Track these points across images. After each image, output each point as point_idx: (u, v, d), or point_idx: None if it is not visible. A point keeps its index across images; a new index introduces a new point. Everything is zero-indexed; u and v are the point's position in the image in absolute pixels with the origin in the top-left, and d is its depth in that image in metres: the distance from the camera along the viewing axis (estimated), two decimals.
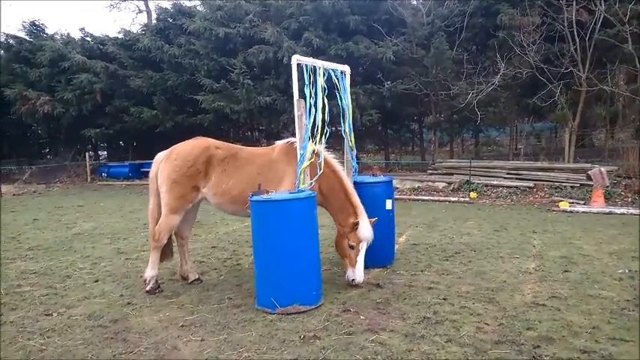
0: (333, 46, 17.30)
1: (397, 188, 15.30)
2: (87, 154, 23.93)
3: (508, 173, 14.85)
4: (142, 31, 23.36)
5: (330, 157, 5.90)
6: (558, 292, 5.42)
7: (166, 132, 20.22)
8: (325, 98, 5.74)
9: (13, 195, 18.19)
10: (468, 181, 14.80)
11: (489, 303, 5.10)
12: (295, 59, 5.45)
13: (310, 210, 5.11)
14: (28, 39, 23.76)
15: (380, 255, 6.52)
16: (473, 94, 15.98)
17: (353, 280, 5.58)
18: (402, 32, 18.12)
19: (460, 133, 24.14)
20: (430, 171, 16.71)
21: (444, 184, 15.22)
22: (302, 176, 5.36)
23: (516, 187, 14.08)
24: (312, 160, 5.45)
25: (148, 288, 5.71)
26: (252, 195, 5.07)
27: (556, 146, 21.46)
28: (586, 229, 9.03)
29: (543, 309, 4.90)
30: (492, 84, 15.76)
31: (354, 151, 6.84)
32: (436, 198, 13.98)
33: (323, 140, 5.69)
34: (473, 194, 13.82)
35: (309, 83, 5.55)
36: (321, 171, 5.48)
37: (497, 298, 5.23)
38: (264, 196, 5.00)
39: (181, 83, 20.25)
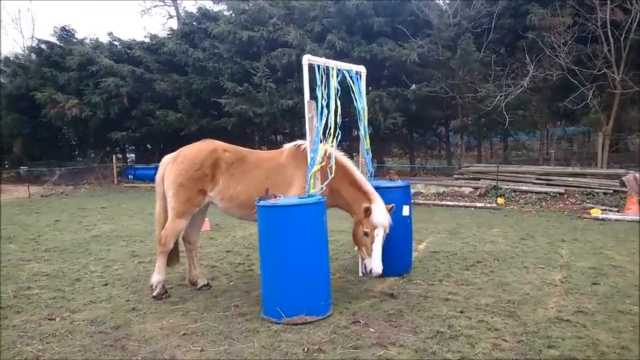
0: (357, 48, 17.05)
1: (421, 193, 14.94)
2: (114, 156, 24.31)
3: (538, 178, 14.31)
4: (168, 35, 23.59)
5: (339, 153, 5.66)
6: (585, 306, 5.04)
7: (191, 135, 20.21)
8: (339, 100, 5.51)
9: (42, 196, 18.54)
10: (495, 186, 14.32)
11: (509, 317, 4.78)
12: (306, 59, 5.22)
13: (319, 216, 4.89)
14: (58, 44, 24.34)
15: (396, 263, 6.25)
16: (501, 96, 15.49)
17: (370, 270, 5.26)
18: (428, 34, 17.76)
19: (488, 137, 23.49)
20: (456, 175, 16.28)
21: (470, 189, 14.76)
22: (312, 180, 5.14)
23: (546, 193, 13.53)
24: (323, 163, 5.22)
25: (154, 294, 5.60)
26: (259, 200, 4.88)
27: (589, 151, 20.65)
28: (618, 239, 8.52)
29: (567, 325, 4.55)
30: (521, 86, 15.24)
31: (370, 154, 6.60)
32: (461, 203, 13.56)
33: (335, 143, 5.45)
34: (500, 200, 13.35)
35: (322, 84, 5.33)
36: (332, 175, 5.24)
37: (518, 312, 4.90)
38: (271, 202, 4.81)
39: (205, 87, 20.31)
